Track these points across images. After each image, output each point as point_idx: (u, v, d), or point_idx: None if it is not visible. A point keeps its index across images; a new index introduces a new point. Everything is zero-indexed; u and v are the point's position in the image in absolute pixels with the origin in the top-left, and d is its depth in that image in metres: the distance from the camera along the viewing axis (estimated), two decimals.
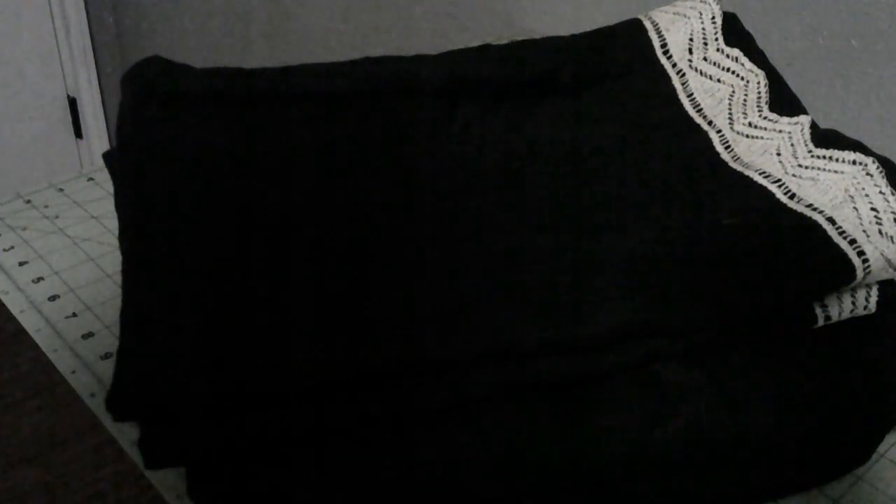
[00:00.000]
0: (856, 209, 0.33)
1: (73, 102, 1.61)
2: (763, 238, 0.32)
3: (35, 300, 0.43)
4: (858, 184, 0.34)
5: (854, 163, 0.34)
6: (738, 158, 0.37)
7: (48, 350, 0.40)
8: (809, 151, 0.36)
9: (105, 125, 1.64)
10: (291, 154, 0.35)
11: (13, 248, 0.47)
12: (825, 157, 0.35)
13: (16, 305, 0.43)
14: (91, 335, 0.41)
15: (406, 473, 0.28)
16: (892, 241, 0.32)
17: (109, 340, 0.41)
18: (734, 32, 0.41)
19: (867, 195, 0.33)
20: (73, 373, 0.39)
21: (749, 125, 0.38)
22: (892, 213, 0.32)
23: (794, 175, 0.35)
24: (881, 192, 0.33)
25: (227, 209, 0.33)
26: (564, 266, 0.32)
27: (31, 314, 0.43)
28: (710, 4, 0.41)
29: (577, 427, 0.30)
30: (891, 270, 0.32)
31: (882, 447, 0.35)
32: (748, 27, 0.41)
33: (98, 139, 1.64)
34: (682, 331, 0.31)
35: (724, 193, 0.35)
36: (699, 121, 0.38)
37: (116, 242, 0.46)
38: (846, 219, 0.32)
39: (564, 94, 0.39)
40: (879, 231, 0.32)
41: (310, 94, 0.37)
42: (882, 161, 0.34)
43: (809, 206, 0.33)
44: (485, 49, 0.40)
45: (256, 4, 1.13)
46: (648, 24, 0.41)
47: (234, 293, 0.30)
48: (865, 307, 0.32)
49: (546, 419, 0.29)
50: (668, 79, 0.40)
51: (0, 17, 1.49)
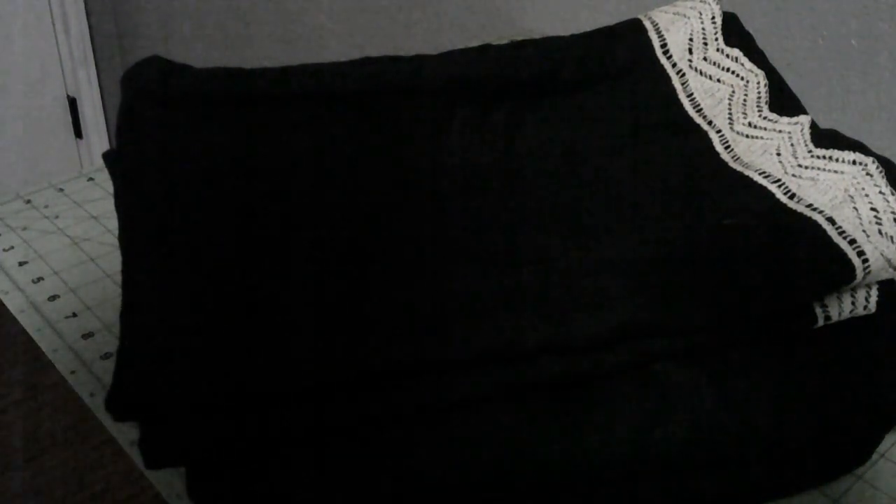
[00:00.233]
0: (856, 209, 0.33)
1: (73, 102, 1.61)
2: (763, 238, 0.32)
3: (35, 300, 0.43)
4: (858, 184, 0.34)
5: (854, 163, 0.34)
6: (738, 158, 0.37)
7: (48, 350, 0.40)
8: (809, 151, 0.36)
9: (105, 125, 1.64)
10: (291, 154, 0.35)
11: (13, 248, 0.47)
12: (825, 157, 0.35)
13: (16, 305, 0.43)
14: (91, 335, 0.41)
15: (406, 473, 0.28)
16: (892, 241, 0.32)
17: (109, 340, 0.41)
18: (734, 32, 0.41)
19: (867, 195, 0.33)
20: (73, 373, 0.39)
21: (749, 125, 0.38)
22: (892, 213, 0.32)
23: (794, 175, 0.35)
24: (881, 192, 0.33)
25: (227, 209, 0.33)
26: (564, 266, 0.32)
27: (31, 314, 0.43)
28: (710, 4, 0.41)
29: (577, 427, 0.30)
30: (891, 270, 0.31)
31: (882, 447, 0.35)
32: (748, 27, 0.41)
33: (98, 139, 1.64)
34: (682, 331, 0.31)
35: (724, 193, 0.35)
36: (699, 121, 0.38)
37: (116, 242, 0.46)
38: (846, 219, 0.32)
39: (564, 94, 0.39)
40: (879, 231, 0.32)
41: (310, 94, 0.37)
42: (882, 161, 0.34)
43: (809, 206, 0.33)
44: (485, 49, 0.40)
45: (257, 4, 1.13)
46: (648, 24, 0.41)
47: (234, 293, 0.30)
48: (865, 307, 0.32)
49: (546, 419, 0.29)
50: (668, 79, 0.40)
51: (0, 18, 1.49)
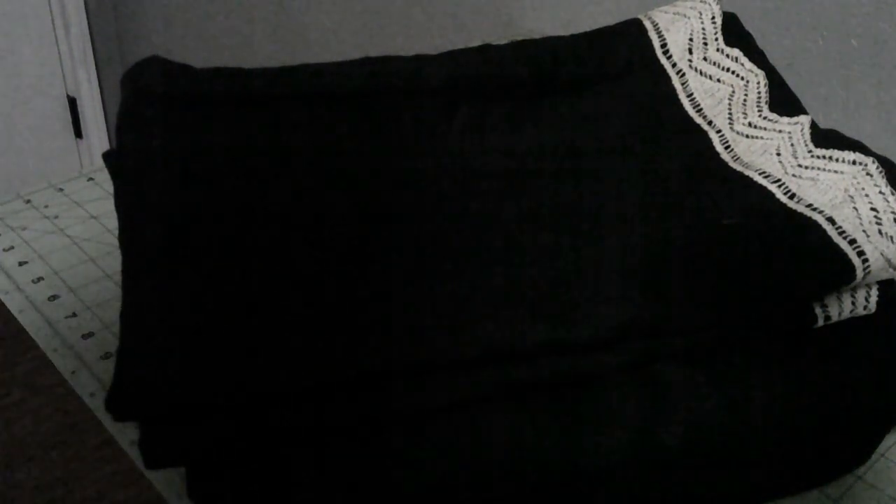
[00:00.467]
0: (856, 209, 0.33)
1: (73, 102, 1.61)
2: (763, 238, 0.32)
3: (35, 300, 0.43)
4: (858, 184, 0.34)
5: (854, 163, 0.34)
6: (738, 158, 0.37)
7: (48, 350, 0.40)
8: (809, 151, 0.36)
9: (105, 125, 1.64)
10: (291, 154, 0.35)
11: (13, 248, 0.47)
12: (825, 157, 0.35)
13: (16, 305, 0.43)
14: (91, 335, 0.41)
15: (406, 473, 0.28)
16: (892, 241, 0.32)
17: (109, 340, 0.41)
18: (734, 32, 0.41)
19: (867, 195, 0.33)
20: (73, 373, 0.39)
21: (749, 125, 0.38)
22: (892, 213, 0.32)
23: (794, 175, 0.35)
24: (881, 192, 0.33)
25: (227, 209, 0.33)
26: (564, 266, 0.32)
27: (31, 314, 0.43)
28: (710, 4, 0.41)
29: (578, 427, 0.30)
30: (891, 270, 0.31)
31: (882, 447, 0.35)
32: (748, 27, 0.41)
33: (98, 139, 1.64)
34: (682, 331, 0.31)
35: (724, 193, 0.35)
36: (699, 121, 0.38)
37: (116, 242, 0.46)
38: (846, 219, 0.32)
39: (564, 94, 0.39)
40: (879, 231, 0.32)
41: (310, 94, 0.37)
42: (882, 161, 0.34)
43: (809, 206, 0.33)
44: (485, 49, 0.40)
45: (257, 4, 1.13)
46: (648, 24, 0.41)
47: (234, 293, 0.30)
48: (865, 307, 0.32)
49: (546, 419, 0.29)
50: (668, 79, 0.40)
51: (0, 17, 1.49)
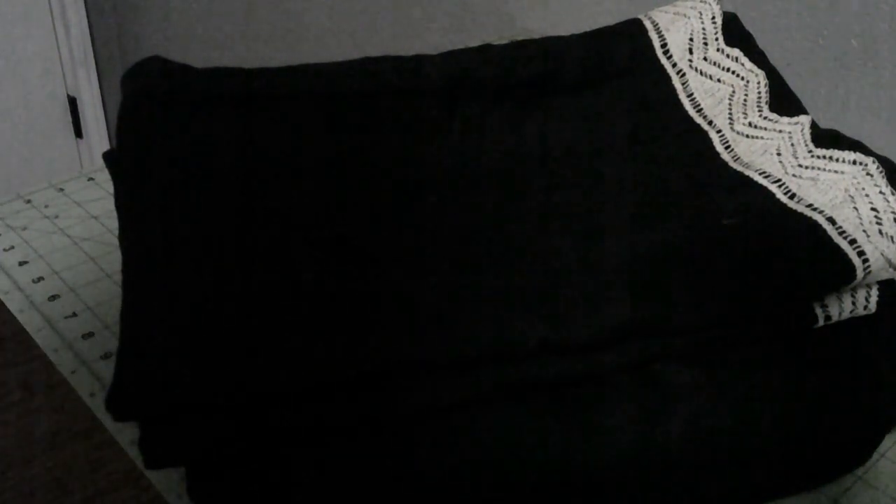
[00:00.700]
0: (856, 209, 0.33)
1: (73, 102, 1.61)
2: (763, 238, 0.32)
3: (35, 300, 0.43)
4: (858, 184, 0.34)
5: (854, 163, 0.34)
6: (739, 158, 0.37)
7: (48, 350, 0.40)
8: (809, 151, 0.36)
9: (105, 125, 1.64)
10: (291, 154, 0.35)
11: (13, 248, 0.47)
12: (825, 157, 0.35)
13: (16, 305, 0.43)
14: (91, 335, 0.41)
15: (406, 473, 0.28)
16: (892, 241, 0.32)
17: (109, 340, 0.41)
18: (734, 32, 0.41)
19: (867, 195, 0.33)
20: (73, 373, 0.39)
21: (749, 125, 0.38)
22: (892, 213, 0.32)
23: (795, 175, 0.35)
24: (881, 192, 0.33)
25: (227, 209, 0.33)
26: (564, 266, 0.32)
27: (31, 314, 0.43)
28: (711, 4, 0.41)
29: (577, 427, 0.30)
30: (891, 270, 0.31)
31: (882, 447, 0.35)
32: (748, 27, 0.41)
33: (98, 139, 1.64)
34: (682, 331, 0.31)
35: (725, 193, 0.35)
36: (699, 121, 0.38)
37: (116, 242, 0.46)
38: (846, 219, 0.32)
39: (564, 94, 0.39)
40: (879, 231, 0.32)
41: (310, 94, 0.37)
42: (882, 161, 0.34)
43: (809, 206, 0.33)
44: (485, 49, 0.40)
45: (257, 4, 1.13)
46: (648, 24, 0.41)
47: (234, 293, 0.30)
48: (865, 307, 0.32)
49: (546, 419, 0.29)
50: (669, 79, 0.40)
51: (0, 17, 1.49)
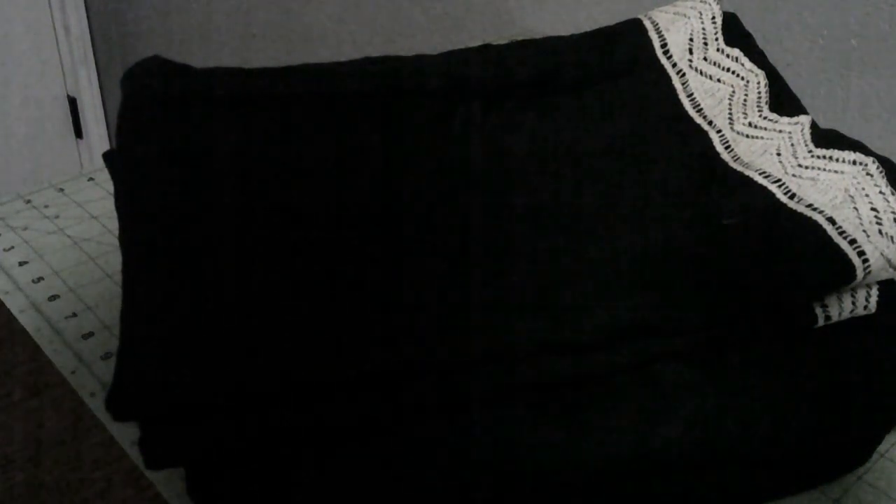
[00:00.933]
0: (856, 209, 0.33)
1: (73, 102, 1.61)
2: (763, 238, 0.32)
3: (35, 300, 0.43)
4: (858, 184, 0.34)
5: (854, 163, 0.34)
6: (738, 158, 0.37)
7: (48, 350, 0.40)
8: (809, 151, 0.36)
9: (105, 125, 1.64)
10: (290, 154, 0.35)
11: (13, 248, 0.47)
12: (825, 157, 0.35)
13: (16, 305, 0.43)
14: (91, 335, 0.41)
15: (406, 473, 0.28)
16: (892, 241, 0.32)
17: (109, 340, 0.41)
18: (734, 32, 0.41)
19: (867, 195, 0.33)
20: (73, 373, 0.39)
21: (749, 125, 0.38)
22: (892, 213, 0.32)
23: (795, 175, 0.35)
24: (881, 192, 0.33)
25: (227, 209, 0.33)
26: (564, 266, 0.32)
27: (31, 314, 0.43)
28: (711, 4, 0.41)
29: (577, 427, 0.29)
30: (891, 270, 0.31)
31: (882, 447, 0.35)
32: (748, 27, 0.41)
33: (98, 139, 1.64)
34: (682, 331, 0.31)
35: (725, 193, 0.35)
36: (699, 121, 0.38)
37: (116, 242, 0.46)
38: (846, 219, 0.32)
39: (564, 94, 0.39)
40: (879, 231, 0.32)
41: (310, 95, 0.37)
42: (882, 161, 0.34)
43: (809, 206, 0.33)
44: (485, 49, 0.40)
45: (257, 4, 1.13)
46: (648, 24, 0.41)
47: (234, 293, 0.30)
48: (865, 307, 0.32)
49: (546, 419, 0.29)
50: (669, 79, 0.40)
51: (0, 17, 1.49)
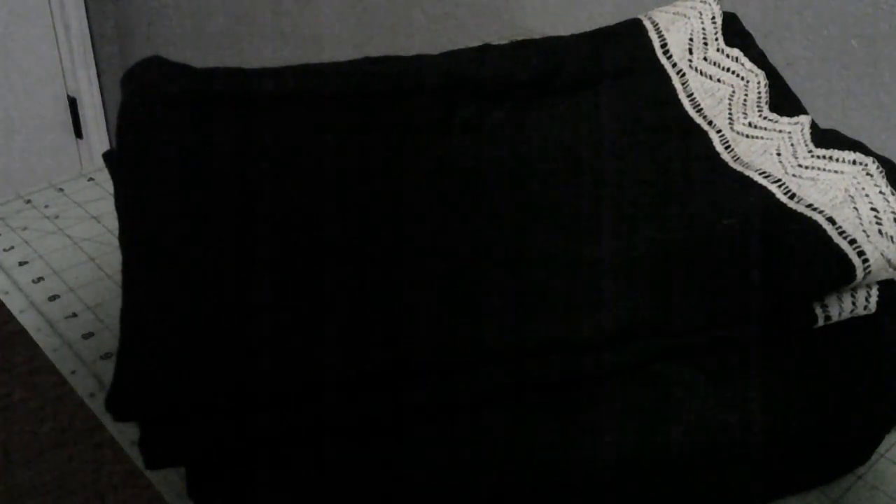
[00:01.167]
0: (856, 209, 0.33)
1: (73, 102, 1.61)
2: (763, 238, 0.32)
3: (35, 300, 0.43)
4: (858, 184, 0.34)
5: (854, 163, 0.34)
6: (738, 158, 0.37)
7: (48, 350, 0.40)
8: (809, 151, 0.36)
9: (105, 125, 1.64)
10: (291, 154, 0.35)
11: (13, 248, 0.47)
12: (825, 157, 0.35)
13: (16, 305, 0.43)
14: (91, 335, 0.41)
15: (406, 473, 0.29)
16: (892, 241, 0.32)
17: (109, 340, 0.41)
18: (734, 32, 0.41)
19: (867, 195, 0.33)
20: (73, 373, 0.39)
21: (749, 125, 0.38)
22: (892, 213, 0.32)
23: (794, 175, 0.35)
24: (881, 192, 0.33)
25: (227, 209, 0.33)
26: (564, 266, 0.32)
27: (31, 314, 0.43)
28: (710, 4, 0.41)
29: (578, 427, 0.30)
30: (891, 270, 0.32)
31: (882, 447, 0.35)
32: (748, 27, 0.41)
33: (98, 139, 1.64)
34: (682, 331, 0.31)
35: (724, 193, 0.35)
36: (699, 121, 0.38)
37: (116, 242, 0.46)
38: (846, 219, 0.32)
39: (564, 94, 0.39)
40: (879, 231, 0.32)
41: (310, 95, 0.37)
42: (882, 161, 0.34)
43: (809, 206, 0.33)
44: (485, 49, 0.40)
45: (257, 5, 1.13)
46: (648, 24, 0.41)
47: (234, 293, 0.30)
48: (865, 307, 0.32)
49: (546, 419, 0.29)
50: (668, 79, 0.40)
51: (0, 17, 1.49)
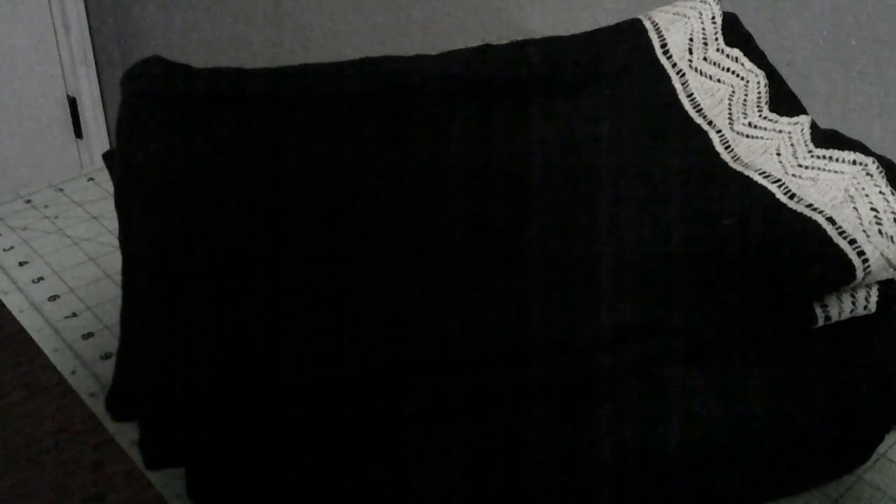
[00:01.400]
0: (856, 209, 0.33)
1: (73, 102, 1.61)
2: (763, 238, 0.32)
3: (35, 300, 0.43)
4: (858, 184, 0.34)
5: (854, 163, 0.34)
6: (738, 158, 0.37)
7: (48, 350, 0.40)
8: (809, 151, 0.36)
9: (105, 125, 1.64)
10: (291, 154, 0.35)
11: (13, 248, 0.47)
12: (825, 157, 0.35)
13: (16, 305, 0.43)
14: (91, 335, 0.41)
15: (406, 473, 0.29)
16: (892, 241, 0.32)
17: (109, 340, 0.41)
18: (734, 32, 0.41)
19: (867, 195, 0.33)
20: (73, 373, 0.39)
21: (749, 125, 0.38)
22: (892, 213, 0.32)
23: (794, 175, 0.35)
24: (881, 192, 0.33)
25: (227, 209, 0.33)
26: (564, 266, 0.32)
27: (31, 314, 0.43)
28: (710, 4, 0.41)
29: (578, 427, 0.30)
30: (891, 270, 0.31)
31: (882, 447, 0.35)
32: (748, 27, 0.41)
33: (98, 139, 1.64)
34: (682, 331, 0.31)
35: (724, 193, 0.35)
36: (699, 121, 0.38)
37: (116, 242, 0.46)
38: (846, 219, 0.32)
39: (564, 95, 0.39)
40: (879, 231, 0.32)
41: (309, 95, 0.37)
42: (882, 161, 0.34)
43: (809, 206, 0.33)
44: (485, 49, 0.40)
45: (257, 4, 1.13)
46: (648, 24, 0.41)
47: (234, 293, 0.30)
48: (865, 307, 0.32)
49: (546, 419, 0.29)
50: (668, 79, 0.40)
51: (0, 17, 1.49)
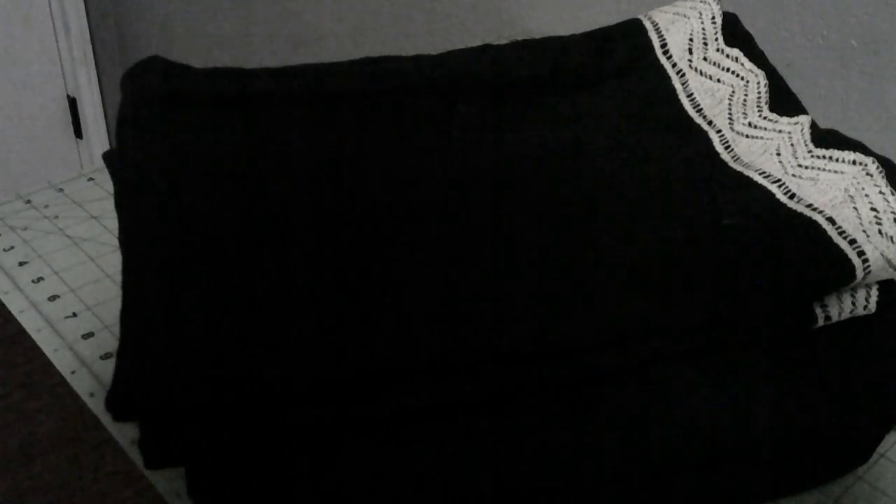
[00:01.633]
0: (856, 209, 0.33)
1: (73, 102, 1.61)
2: (763, 238, 0.32)
3: (35, 300, 0.43)
4: (858, 184, 0.34)
5: (854, 163, 0.34)
6: (738, 158, 0.37)
7: (48, 350, 0.40)
8: (809, 151, 0.36)
9: (105, 125, 1.64)
10: (291, 154, 0.35)
11: (13, 248, 0.47)
12: (825, 157, 0.35)
13: (16, 305, 0.43)
14: (91, 335, 0.41)
15: (406, 473, 0.29)
16: (892, 241, 0.32)
17: (109, 340, 0.41)
18: (734, 32, 0.41)
19: (867, 195, 0.33)
20: (73, 373, 0.39)
21: (749, 125, 0.38)
22: (892, 213, 0.32)
23: (794, 175, 0.35)
24: (881, 192, 0.33)
25: (227, 209, 0.33)
26: (564, 266, 0.32)
27: (31, 314, 0.43)
28: (710, 4, 0.41)
29: (577, 427, 0.30)
30: (891, 270, 0.31)
31: (882, 447, 0.35)
32: (748, 27, 0.41)
33: (98, 139, 1.64)
34: (682, 331, 0.31)
35: (724, 193, 0.35)
36: (699, 121, 0.38)
37: (116, 242, 0.46)
38: (846, 219, 0.32)
39: (564, 94, 0.39)
40: (879, 231, 0.32)
41: (310, 95, 0.37)
42: (882, 161, 0.34)
43: (809, 206, 0.33)
44: (485, 49, 0.40)
45: (257, 5, 1.13)
46: (648, 24, 0.41)
47: (234, 293, 0.30)
48: (865, 307, 0.32)
49: (546, 420, 0.29)
50: (668, 79, 0.40)
51: (0, 18, 1.49)
